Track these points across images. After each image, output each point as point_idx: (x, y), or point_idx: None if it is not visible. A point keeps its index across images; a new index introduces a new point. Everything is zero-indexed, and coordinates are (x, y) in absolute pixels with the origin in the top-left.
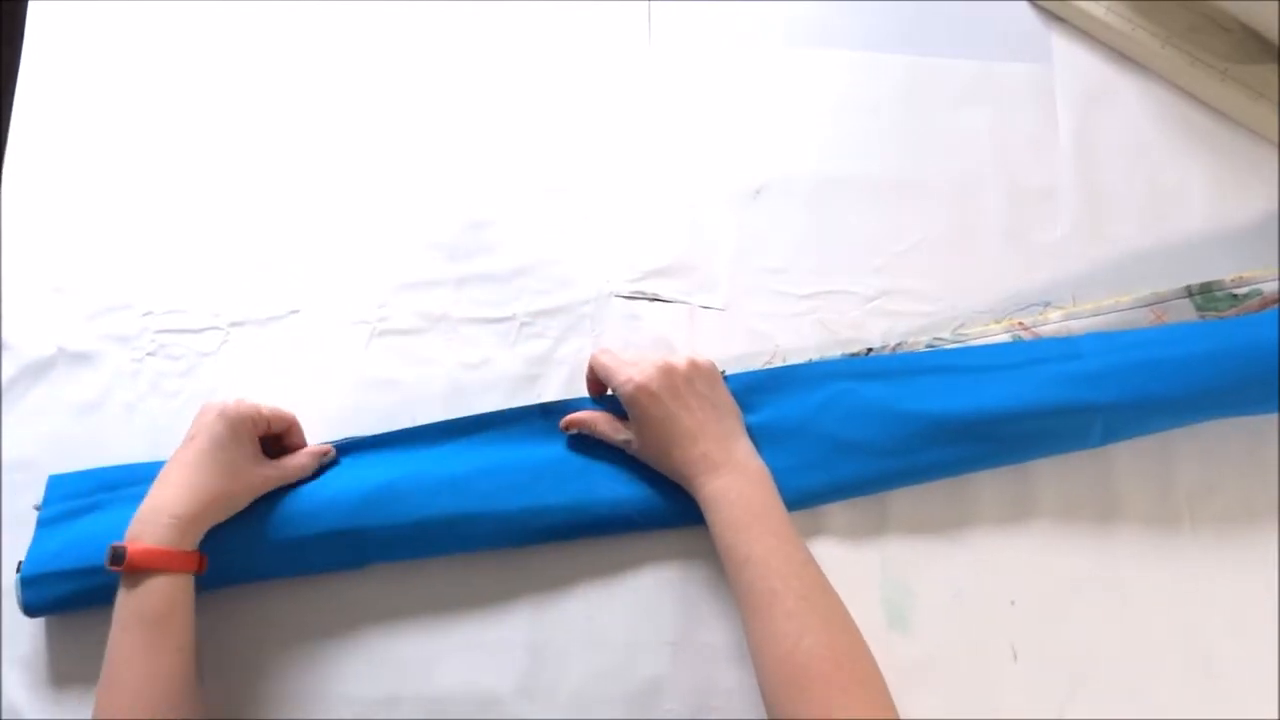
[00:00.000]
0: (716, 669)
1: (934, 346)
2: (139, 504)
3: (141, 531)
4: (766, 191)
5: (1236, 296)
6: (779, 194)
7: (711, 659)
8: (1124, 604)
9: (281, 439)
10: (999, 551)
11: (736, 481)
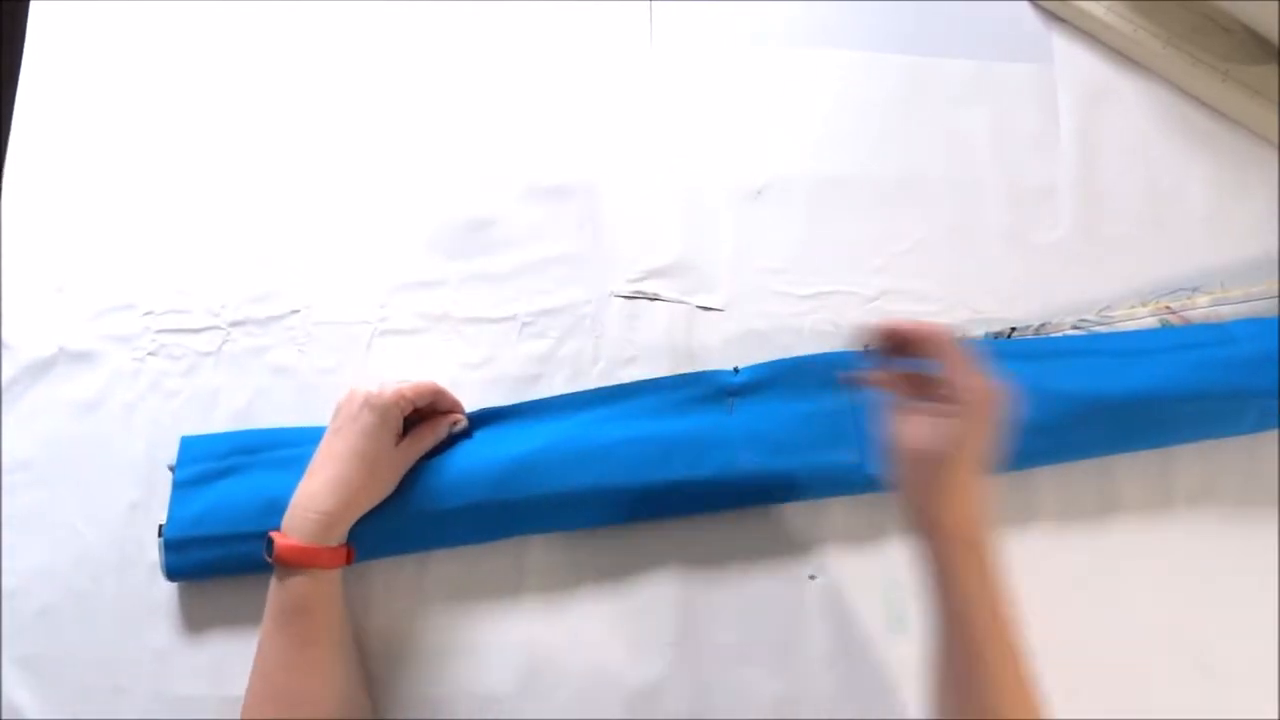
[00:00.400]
0: (716, 669)
1: (1080, 328)
2: (278, 470)
3: (290, 526)
4: (767, 191)
5: None
6: (779, 194)
7: (711, 659)
8: (1124, 604)
9: (422, 410)
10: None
11: (989, 556)
